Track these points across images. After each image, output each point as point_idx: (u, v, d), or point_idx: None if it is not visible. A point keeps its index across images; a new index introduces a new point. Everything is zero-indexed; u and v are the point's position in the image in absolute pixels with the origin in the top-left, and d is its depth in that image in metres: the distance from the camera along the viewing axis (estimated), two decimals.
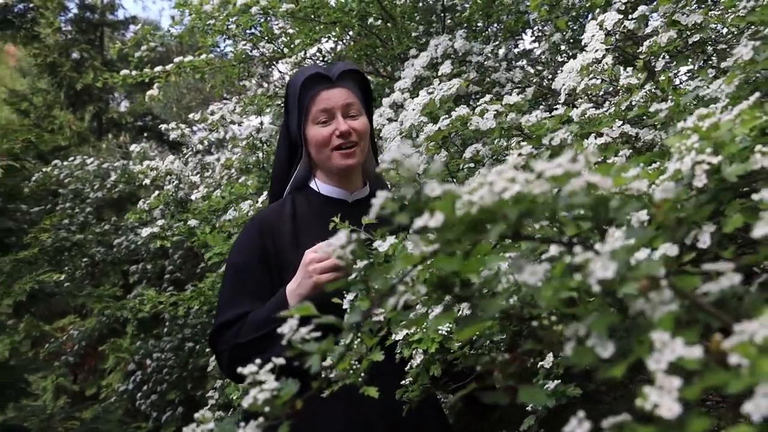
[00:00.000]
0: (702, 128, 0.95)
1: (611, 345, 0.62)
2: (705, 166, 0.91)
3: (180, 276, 5.63)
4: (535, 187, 0.67)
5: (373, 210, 0.74)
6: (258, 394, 0.83)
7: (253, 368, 0.85)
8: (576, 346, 0.64)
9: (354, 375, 1.31)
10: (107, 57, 8.81)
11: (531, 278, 0.68)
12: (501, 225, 0.68)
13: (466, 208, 0.70)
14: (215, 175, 4.25)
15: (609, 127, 1.75)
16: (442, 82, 3.04)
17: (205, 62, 4.26)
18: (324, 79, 1.98)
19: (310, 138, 1.99)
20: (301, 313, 0.85)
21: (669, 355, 0.58)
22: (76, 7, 9.10)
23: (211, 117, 4.31)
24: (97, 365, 7.21)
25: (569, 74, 2.22)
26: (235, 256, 1.97)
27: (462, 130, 2.34)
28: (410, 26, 4.22)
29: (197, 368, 5.58)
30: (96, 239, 5.63)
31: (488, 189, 0.68)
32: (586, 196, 0.66)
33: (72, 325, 6.59)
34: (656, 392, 0.57)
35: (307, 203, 2.03)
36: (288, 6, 3.61)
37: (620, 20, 2.19)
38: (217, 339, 1.87)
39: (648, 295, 0.64)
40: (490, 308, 0.78)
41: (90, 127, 8.90)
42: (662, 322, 0.61)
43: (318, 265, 1.72)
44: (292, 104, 2.01)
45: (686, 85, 1.71)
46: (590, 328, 0.63)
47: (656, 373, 0.58)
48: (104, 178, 5.58)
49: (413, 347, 1.53)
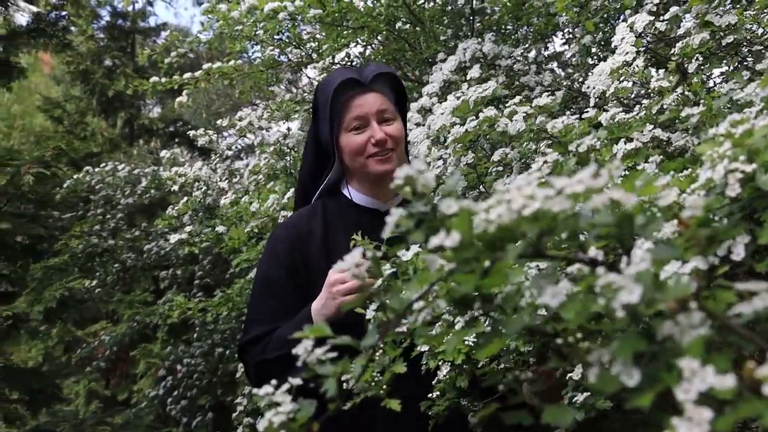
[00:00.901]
0: (735, 135, 0.90)
1: (637, 373, 0.58)
2: (738, 174, 0.87)
3: (209, 281, 5.65)
4: (555, 205, 0.64)
5: (388, 227, 0.72)
6: (273, 417, 0.81)
7: (269, 389, 0.83)
8: (600, 373, 0.61)
9: (376, 387, 1.28)
10: (138, 64, 8.89)
11: (552, 300, 0.64)
12: (520, 244, 0.65)
13: (484, 227, 0.66)
14: (243, 181, 4.25)
15: (639, 132, 1.70)
16: (470, 86, 3.00)
17: (233, 68, 4.27)
18: (356, 84, 1.91)
19: (344, 146, 1.92)
20: (315, 335, 0.82)
21: (699, 384, 0.55)
22: (109, 15, 9.21)
23: (239, 123, 4.32)
24: (128, 370, 7.27)
25: (599, 77, 2.17)
26: (264, 268, 1.93)
27: (489, 133, 2.30)
28: (438, 30, 4.18)
29: (227, 374, 5.59)
30: (127, 245, 5.66)
31: (506, 207, 0.65)
32: (609, 214, 0.62)
33: (104, 330, 6.65)
34: (685, 424, 0.54)
35: (338, 210, 1.98)
36: (316, 11, 3.60)
37: (651, 22, 2.14)
38: (245, 353, 1.86)
39: (676, 317, 0.60)
40: (513, 325, 0.75)
41: (122, 133, 8.99)
42: (692, 348, 0.58)
43: (342, 286, 1.67)
44: (323, 111, 1.94)
45: (720, 87, 1.65)
46: (614, 354, 0.59)
47: (685, 403, 0.54)
48: (135, 184, 5.61)
49: (439, 358, 1.50)
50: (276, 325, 1.81)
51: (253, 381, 1.88)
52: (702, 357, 0.57)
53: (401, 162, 1.98)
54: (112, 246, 5.49)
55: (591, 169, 0.66)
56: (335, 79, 1.92)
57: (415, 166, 0.71)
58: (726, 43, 1.79)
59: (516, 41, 4.08)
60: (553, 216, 0.65)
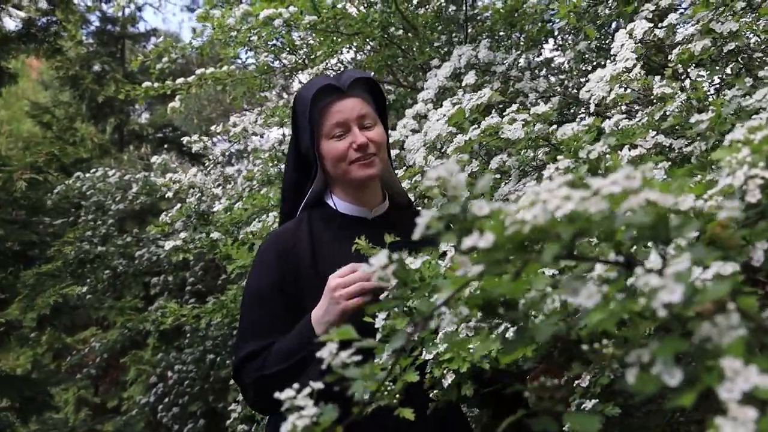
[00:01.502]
0: (754, 141, 0.91)
1: (679, 372, 0.58)
2: (758, 180, 0.87)
3: (201, 288, 5.63)
4: (591, 206, 0.64)
5: (418, 230, 0.71)
6: (297, 421, 0.80)
7: (291, 393, 0.82)
8: (639, 374, 0.61)
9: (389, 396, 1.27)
10: (128, 69, 8.87)
11: (588, 301, 0.64)
12: (556, 245, 0.65)
13: (517, 227, 0.66)
14: (237, 187, 4.24)
15: (643, 138, 1.71)
16: (466, 92, 3.01)
17: (226, 74, 4.27)
18: (334, 90, 1.87)
19: (326, 153, 1.88)
20: (341, 338, 0.82)
21: (742, 384, 0.55)
22: (98, 20, 9.19)
23: (233, 129, 4.31)
24: (118, 377, 7.22)
25: (597, 84, 2.18)
26: (254, 282, 1.89)
27: (488, 141, 2.30)
28: (432, 36, 4.20)
29: (219, 380, 5.57)
30: (118, 251, 5.63)
31: (542, 207, 0.65)
32: (646, 215, 0.62)
33: (94, 337, 6.61)
34: (730, 424, 0.54)
35: (323, 222, 1.94)
36: (311, 18, 3.60)
37: (651, 29, 2.15)
38: (242, 371, 1.79)
39: (714, 319, 0.61)
40: (542, 332, 0.75)
41: (111, 139, 8.96)
42: (732, 348, 0.58)
43: (344, 290, 1.64)
44: (302, 120, 1.90)
45: (723, 94, 1.67)
46: (655, 355, 0.59)
47: (729, 403, 0.55)
48: (126, 190, 5.59)
49: (444, 367, 1.49)
50: (271, 339, 1.76)
51: (252, 398, 1.81)
52: (744, 357, 0.57)
53: (384, 166, 1.95)
54: (104, 252, 5.46)
55: (625, 171, 0.66)
56: (312, 87, 1.89)
57: (446, 167, 0.71)
58: (727, 50, 1.81)
59: (508, 47, 4.09)
60: (587, 217, 0.65)
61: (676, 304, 0.58)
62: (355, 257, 1.60)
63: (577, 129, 1.71)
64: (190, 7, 13.46)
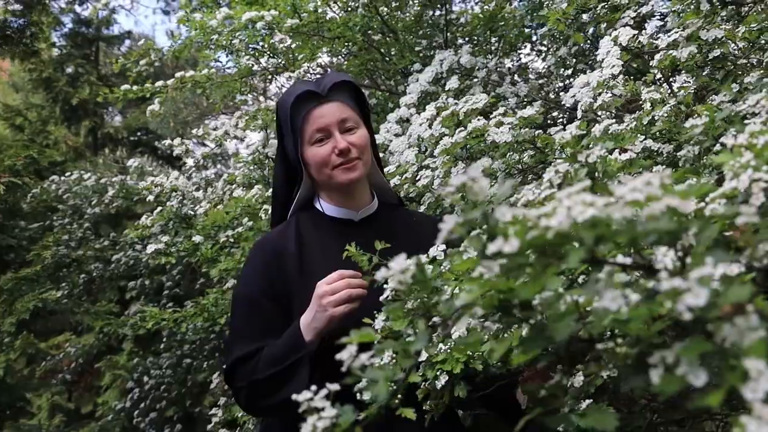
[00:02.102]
0: (756, 146, 0.94)
1: (704, 373, 0.60)
2: (762, 183, 0.90)
3: (179, 291, 5.60)
4: (615, 211, 0.66)
5: (441, 235, 0.73)
6: (317, 422, 0.81)
7: (308, 395, 0.83)
8: (664, 374, 0.63)
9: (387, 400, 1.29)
10: (102, 72, 8.79)
11: (612, 304, 0.66)
12: (580, 250, 0.67)
13: (540, 233, 0.68)
14: (217, 191, 4.23)
15: (632, 143, 1.74)
16: (449, 97, 3.04)
17: (206, 77, 4.26)
18: (314, 96, 1.88)
19: (309, 159, 1.90)
20: (363, 340, 0.83)
21: (766, 384, 0.57)
22: (72, 22, 9.09)
23: (213, 132, 4.30)
24: (92, 383, 7.15)
25: (581, 89, 2.21)
26: (243, 287, 1.91)
27: (474, 144, 2.33)
28: (412, 41, 4.23)
29: (195, 384, 5.54)
30: (94, 255, 5.58)
31: (566, 213, 0.67)
32: (669, 220, 0.64)
33: (68, 342, 6.53)
34: (755, 423, 0.56)
35: (312, 225, 1.96)
36: (293, 21, 3.61)
37: (635, 36, 2.19)
38: (233, 375, 1.82)
39: (734, 320, 0.63)
40: (561, 330, 0.77)
41: (86, 142, 8.87)
42: (754, 349, 0.60)
43: (332, 297, 1.67)
44: (285, 127, 1.93)
45: (711, 100, 1.70)
46: (680, 355, 0.61)
47: (754, 402, 0.57)
48: (102, 194, 5.54)
49: (437, 368, 1.51)
50: (261, 343, 1.78)
51: (244, 402, 1.83)
52: (766, 358, 0.59)
53: (368, 169, 1.97)
54: (81, 256, 5.41)
55: (645, 178, 0.68)
56: (292, 94, 1.90)
57: (469, 174, 0.73)
58: (713, 57, 1.84)
59: (487, 52, 4.13)
60: (608, 223, 0.67)
61: (701, 307, 0.60)
62: (341, 259, 1.61)
63: (575, 133, 1.74)
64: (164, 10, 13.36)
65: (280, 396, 1.72)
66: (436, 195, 2.57)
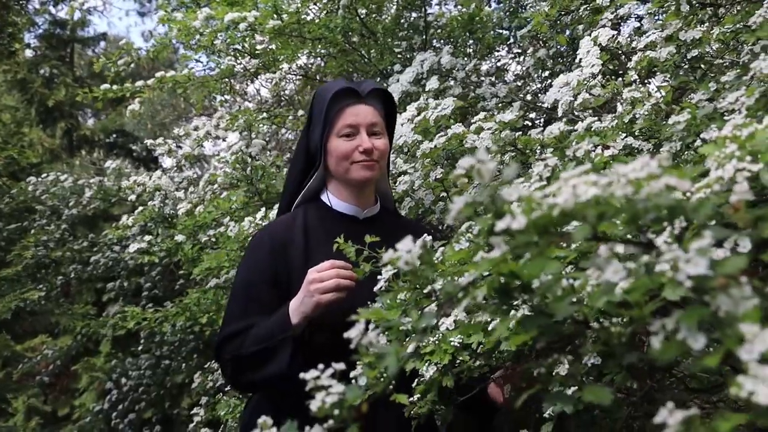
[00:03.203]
0: (739, 137, 0.99)
1: (702, 337, 0.65)
2: (746, 173, 0.95)
3: (158, 293, 5.58)
4: (617, 189, 0.70)
5: (452, 213, 0.77)
6: (326, 398, 0.84)
7: (315, 373, 0.87)
8: (664, 341, 0.67)
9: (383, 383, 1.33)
10: (77, 73, 8.73)
11: (615, 276, 0.70)
12: (586, 227, 0.71)
13: (545, 211, 0.72)
14: (199, 191, 4.24)
15: (613, 140, 1.79)
16: (429, 98, 3.09)
17: (186, 77, 4.27)
18: (353, 94, 2.00)
19: (332, 150, 1.99)
20: (371, 317, 0.87)
21: (760, 345, 0.61)
22: (47, 23, 9.01)
23: (194, 132, 4.31)
24: (68, 385, 7.09)
25: (561, 89, 2.27)
26: (245, 272, 1.98)
27: (456, 148, 2.38)
28: (392, 43, 4.27)
29: (174, 386, 5.53)
30: (72, 256, 5.55)
31: (571, 192, 0.71)
32: (667, 198, 0.69)
33: (44, 345, 6.48)
34: (751, 381, 0.60)
35: (318, 217, 2.03)
36: (275, 23, 3.64)
37: (614, 36, 2.25)
38: (222, 349, 1.89)
39: (729, 291, 0.67)
40: (560, 310, 0.81)
41: (61, 144, 8.80)
42: (749, 315, 0.64)
43: (320, 284, 1.74)
44: (318, 115, 2.02)
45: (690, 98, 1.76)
46: (680, 322, 0.66)
47: (749, 363, 0.61)
48: (80, 195, 5.51)
49: (425, 359, 1.54)
50: (252, 322, 1.85)
51: (229, 376, 1.91)
52: (760, 322, 0.63)
53: (383, 175, 2.10)
54: (59, 257, 5.39)
55: (643, 160, 0.73)
56: (334, 86, 2.01)
57: (477, 156, 0.77)
58: (691, 57, 1.90)
59: (466, 54, 4.19)
60: (611, 201, 0.71)
61: (701, 275, 0.65)
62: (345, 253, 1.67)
63: (562, 128, 1.79)
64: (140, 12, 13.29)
65: (261, 373, 1.80)
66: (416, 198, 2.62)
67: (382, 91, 2.07)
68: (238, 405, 3.36)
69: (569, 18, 2.45)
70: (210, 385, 4.25)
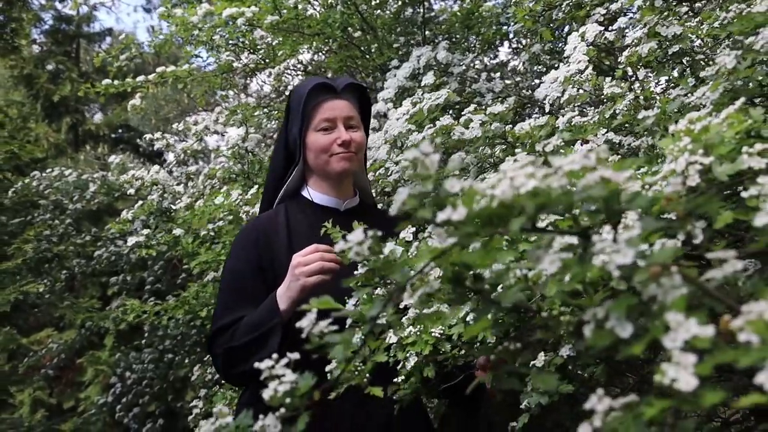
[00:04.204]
0: (693, 131, 1.00)
1: (630, 325, 0.67)
2: (698, 166, 0.96)
3: (161, 287, 5.61)
4: (553, 181, 0.72)
5: (395, 205, 0.79)
6: (278, 387, 0.86)
7: (270, 363, 0.88)
8: (595, 329, 0.69)
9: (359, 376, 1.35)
10: (83, 69, 8.77)
11: (550, 267, 0.72)
12: (522, 218, 0.73)
13: (487, 202, 0.74)
14: (198, 185, 4.26)
15: (594, 135, 1.80)
16: (425, 92, 3.10)
17: (187, 72, 4.29)
18: (329, 90, 2.05)
19: (311, 144, 2.04)
20: (321, 307, 0.89)
21: (684, 334, 0.63)
22: (52, 19, 9.05)
23: (194, 127, 4.34)
24: (74, 378, 7.14)
25: (551, 85, 2.28)
26: (233, 263, 2.01)
27: (446, 140, 2.39)
28: (390, 38, 4.28)
29: (177, 379, 5.56)
30: (76, 251, 5.59)
31: (509, 183, 0.72)
32: (602, 188, 0.70)
33: (50, 338, 6.53)
34: (673, 368, 0.62)
35: (300, 212, 2.07)
36: (273, 18, 3.65)
37: (601, 32, 2.26)
38: (213, 343, 1.92)
39: (659, 280, 0.69)
40: (507, 298, 0.83)
41: (67, 138, 8.84)
42: (675, 304, 0.66)
43: (305, 268, 1.77)
44: (296, 110, 2.06)
45: (668, 94, 1.77)
46: (609, 311, 0.68)
47: (673, 350, 0.63)
48: (83, 190, 5.55)
49: (407, 350, 1.56)
50: (243, 313, 1.88)
51: (222, 368, 1.94)
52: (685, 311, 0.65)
53: (360, 167, 2.14)
54: (62, 252, 5.43)
55: (582, 151, 0.75)
56: (309, 83, 2.06)
57: (421, 149, 0.78)
58: (672, 52, 1.91)
59: (465, 49, 4.19)
60: (549, 192, 0.73)
61: (628, 265, 0.66)
62: (327, 242, 1.71)
63: (533, 125, 1.81)
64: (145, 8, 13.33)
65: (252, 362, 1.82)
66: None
67: (356, 86, 2.14)
68: (234, 397, 3.38)
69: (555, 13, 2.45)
70: (209, 377, 4.28)
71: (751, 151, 0.97)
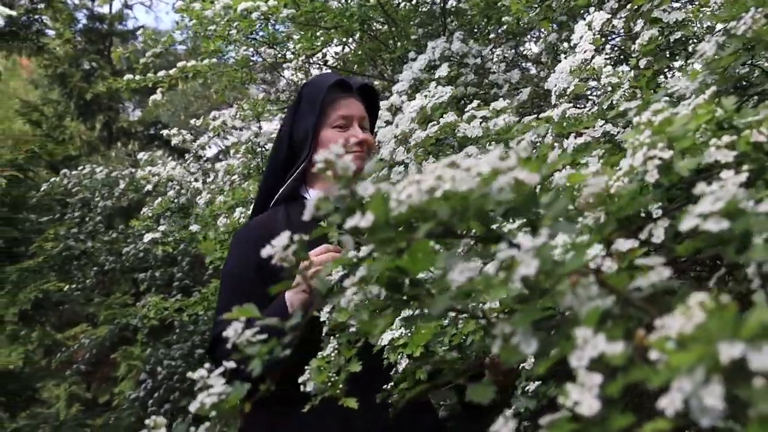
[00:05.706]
0: (655, 123, 0.94)
1: (534, 341, 0.61)
2: (656, 161, 0.90)
3: (188, 282, 5.64)
4: (462, 185, 0.67)
5: (307, 211, 0.74)
6: (205, 399, 0.83)
7: (203, 373, 0.85)
8: (502, 345, 0.64)
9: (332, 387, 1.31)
10: (116, 67, 8.87)
11: (460, 276, 0.67)
12: (430, 223, 0.68)
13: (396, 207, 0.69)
14: (218, 181, 4.26)
15: (591, 127, 1.74)
16: (438, 84, 3.03)
17: (207, 67, 4.29)
18: (347, 87, 2.06)
19: (326, 140, 2.00)
20: (242, 315, 0.85)
21: (591, 351, 0.58)
22: (86, 18, 9.18)
23: (213, 122, 4.33)
24: (109, 373, 7.23)
25: (560, 75, 2.21)
26: (231, 266, 1.97)
27: (452, 136, 2.34)
28: (411, 29, 4.22)
29: None
30: (105, 248, 5.65)
31: (416, 187, 0.68)
32: (510, 191, 0.65)
33: (83, 333, 6.62)
34: (577, 389, 0.56)
35: (299, 212, 2.01)
36: (289, 11, 3.62)
37: (609, 20, 2.18)
38: (215, 349, 1.86)
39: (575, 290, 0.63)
40: (437, 305, 0.78)
41: (100, 136, 8.96)
42: (588, 318, 0.61)
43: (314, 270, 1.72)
44: (311, 104, 2.03)
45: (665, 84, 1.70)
46: (513, 325, 0.62)
47: (578, 369, 0.57)
48: (113, 187, 5.60)
49: (399, 352, 1.52)
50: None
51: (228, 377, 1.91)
52: (596, 326, 0.59)
53: None
54: (90, 249, 5.48)
55: (498, 151, 0.69)
56: (326, 79, 2.08)
57: (333, 150, 0.74)
58: (674, 39, 1.83)
59: (488, 40, 4.11)
60: (462, 196, 0.67)
61: (531, 276, 0.61)
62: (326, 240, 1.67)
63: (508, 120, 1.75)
64: None
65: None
66: None
67: (371, 87, 2.17)
68: None
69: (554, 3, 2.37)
70: None
71: (719, 144, 0.90)
